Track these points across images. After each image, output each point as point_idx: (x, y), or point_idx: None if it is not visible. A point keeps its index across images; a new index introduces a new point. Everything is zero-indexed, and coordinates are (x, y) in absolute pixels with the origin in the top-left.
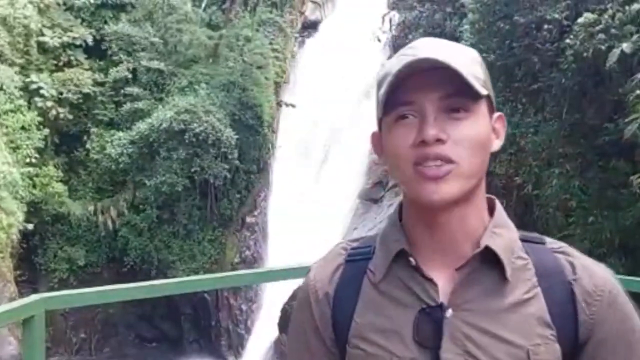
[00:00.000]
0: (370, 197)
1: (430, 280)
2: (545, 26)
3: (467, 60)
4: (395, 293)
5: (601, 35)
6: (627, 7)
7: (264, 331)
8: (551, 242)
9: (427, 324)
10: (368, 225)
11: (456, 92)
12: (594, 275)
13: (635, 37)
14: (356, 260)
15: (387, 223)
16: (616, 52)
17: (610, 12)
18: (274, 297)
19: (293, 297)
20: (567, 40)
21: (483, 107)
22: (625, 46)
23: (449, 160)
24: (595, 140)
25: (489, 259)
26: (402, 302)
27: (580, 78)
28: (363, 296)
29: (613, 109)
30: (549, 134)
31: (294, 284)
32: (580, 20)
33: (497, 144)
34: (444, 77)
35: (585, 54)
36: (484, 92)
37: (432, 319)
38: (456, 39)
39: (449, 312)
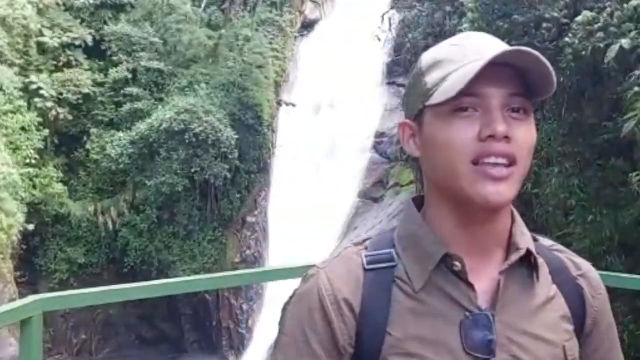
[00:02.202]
0: (371, 197)
1: (471, 286)
2: (544, 25)
3: None
4: (434, 301)
5: (600, 34)
6: (625, 5)
7: (265, 331)
8: (543, 241)
9: (476, 332)
10: (368, 224)
11: (522, 92)
12: (593, 271)
13: (633, 34)
14: (379, 269)
15: (409, 225)
16: (615, 47)
17: (608, 10)
18: (275, 297)
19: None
20: (566, 39)
21: (532, 112)
22: (624, 42)
23: (513, 160)
24: (594, 139)
25: (520, 261)
26: (442, 311)
27: (579, 77)
28: (397, 307)
29: (612, 108)
30: (548, 133)
31: (295, 283)
32: (579, 18)
33: None
34: (512, 74)
35: (584, 53)
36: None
37: (480, 326)
38: None
39: (494, 318)
